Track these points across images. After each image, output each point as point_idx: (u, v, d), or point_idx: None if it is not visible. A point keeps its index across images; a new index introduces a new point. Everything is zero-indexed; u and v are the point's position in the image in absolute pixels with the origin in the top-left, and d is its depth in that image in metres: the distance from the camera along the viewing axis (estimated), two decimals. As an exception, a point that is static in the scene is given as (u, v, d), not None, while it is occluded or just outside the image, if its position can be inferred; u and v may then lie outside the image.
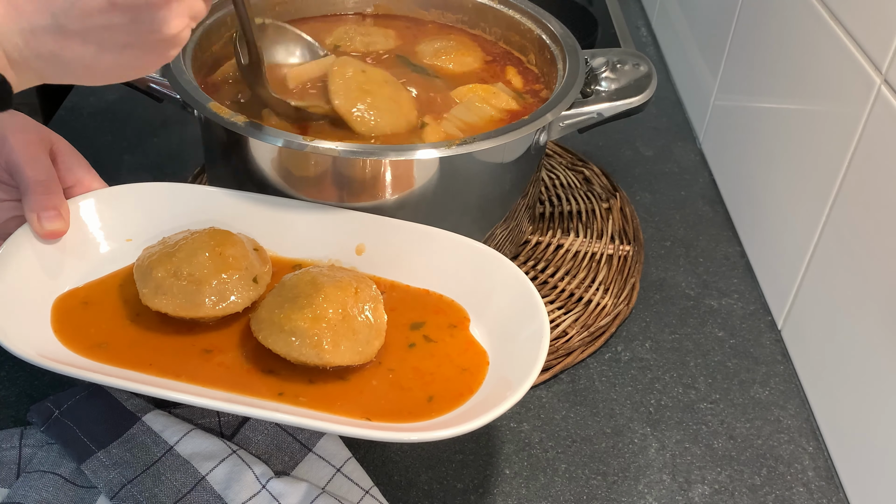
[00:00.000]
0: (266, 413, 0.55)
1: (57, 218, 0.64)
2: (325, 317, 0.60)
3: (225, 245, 0.65)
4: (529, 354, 0.59)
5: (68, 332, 0.62)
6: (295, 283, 0.63)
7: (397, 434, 0.55)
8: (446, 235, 0.69)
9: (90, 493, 0.62)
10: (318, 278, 0.63)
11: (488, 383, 0.61)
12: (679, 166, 1.03)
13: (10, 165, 0.64)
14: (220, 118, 0.70)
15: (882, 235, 0.65)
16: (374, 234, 0.70)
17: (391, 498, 0.65)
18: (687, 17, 1.16)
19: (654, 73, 0.81)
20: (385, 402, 0.60)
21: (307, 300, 0.61)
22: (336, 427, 0.55)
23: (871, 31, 0.68)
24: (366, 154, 0.67)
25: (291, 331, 0.60)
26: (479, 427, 0.54)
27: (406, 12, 0.95)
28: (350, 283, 0.63)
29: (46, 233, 0.63)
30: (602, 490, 0.67)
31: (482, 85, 0.82)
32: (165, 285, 0.62)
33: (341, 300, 0.61)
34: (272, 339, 0.60)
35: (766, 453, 0.71)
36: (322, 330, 0.60)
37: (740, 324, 0.83)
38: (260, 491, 0.61)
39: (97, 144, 1.01)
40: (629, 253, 0.87)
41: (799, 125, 0.80)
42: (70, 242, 0.66)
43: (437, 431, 0.54)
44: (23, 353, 0.56)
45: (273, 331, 0.60)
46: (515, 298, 0.64)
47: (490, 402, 0.57)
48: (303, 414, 0.58)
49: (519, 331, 0.63)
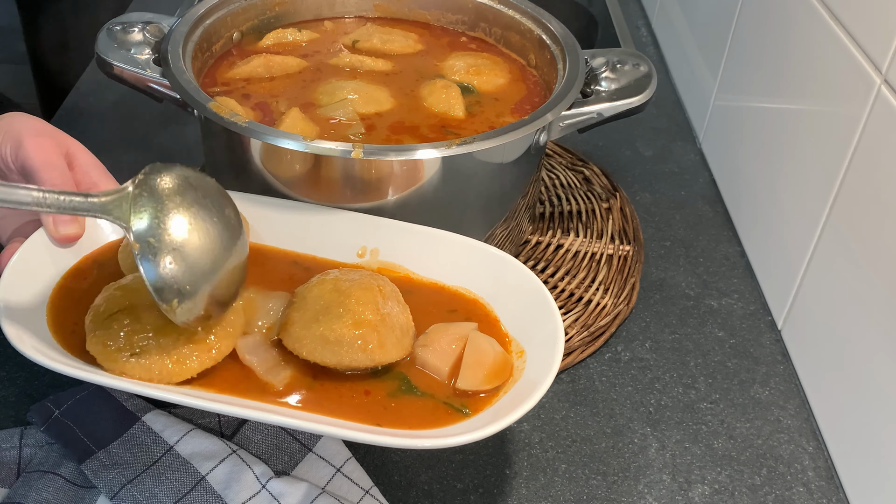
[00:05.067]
0: (270, 417, 0.55)
1: (72, 222, 0.64)
2: (366, 320, 0.60)
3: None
4: (544, 360, 0.59)
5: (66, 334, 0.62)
6: (319, 294, 0.63)
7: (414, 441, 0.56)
8: (458, 238, 0.69)
9: (90, 493, 0.62)
10: (340, 284, 0.63)
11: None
12: (679, 166, 1.03)
13: (26, 169, 0.64)
14: (220, 118, 0.70)
15: (882, 235, 0.65)
16: (389, 237, 0.70)
17: (391, 498, 0.65)
18: (687, 17, 1.16)
19: (654, 73, 0.81)
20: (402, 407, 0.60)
21: (342, 308, 0.61)
22: (347, 433, 0.55)
23: (871, 31, 0.68)
24: (366, 154, 0.67)
25: (337, 340, 0.60)
26: (490, 434, 0.55)
27: (406, 14, 0.95)
28: (371, 282, 0.63)
29: (62, 237, 0.63)
30: (602, 490, 0.67)
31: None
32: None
33: (372, 300, 0.62)
34: (319, 353, 0.60)
35: (766, 453, 0.71)
36: (366, 333, 0.60)
37: (740, 324, 0.83)
38: (260, 491, 0.61)
39: (97, 144, 1.00)
40: (629, 253, 0.87)
41: (799, 125, 0.80)
42: (86, 247, 0.66)
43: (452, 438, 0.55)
44: (44, 361, 0.56)
45: (318, 344, 0.60)
46: (529, 303, 0.64)
47: (503, 410, 0.57)
48: (307, 418, 0.57)
49: (532, 336, 0.63)
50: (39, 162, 0.64)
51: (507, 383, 0.60)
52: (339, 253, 0.70)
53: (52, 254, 0.64)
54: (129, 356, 0.57)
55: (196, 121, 0.76)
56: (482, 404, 0.59)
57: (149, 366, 0.57)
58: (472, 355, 0.61)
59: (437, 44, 0.92)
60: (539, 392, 0.56)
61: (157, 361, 0.57)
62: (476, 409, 0.59)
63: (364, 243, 0.69)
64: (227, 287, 0.59)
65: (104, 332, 0.58)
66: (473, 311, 0.66)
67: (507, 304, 0.66)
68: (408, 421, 0.58)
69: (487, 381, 0.60)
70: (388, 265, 0.69)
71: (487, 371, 0.60)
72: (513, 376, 0.61)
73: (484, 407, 0.59)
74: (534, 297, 0.64)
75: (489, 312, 0.66)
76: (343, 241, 0.69)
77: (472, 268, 0.68)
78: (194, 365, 0.58)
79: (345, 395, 0.60)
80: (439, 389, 0.61)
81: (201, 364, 0.59)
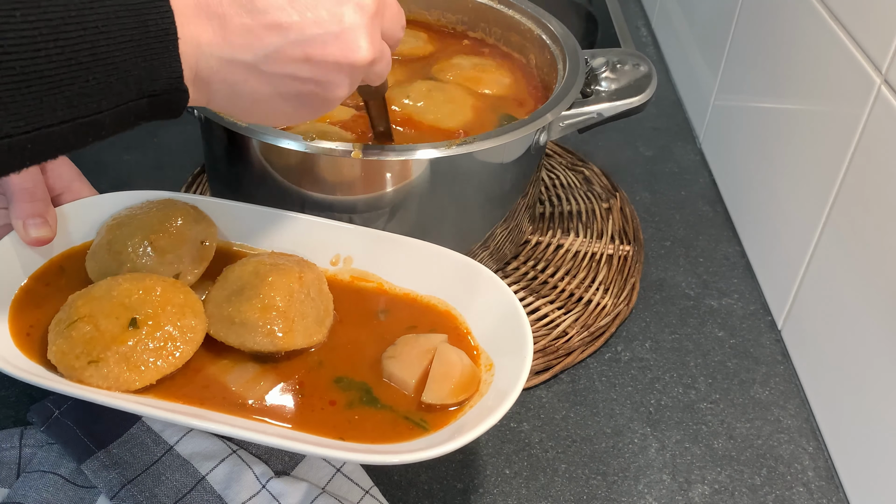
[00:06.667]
0: (224, 428, 0.54)
1: (43, 225, 0.64)
2: (273, 305, 0.60)
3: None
4: (511, 374, 0.58)
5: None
6: (239, 275, 0.63)
7: (378, 457, 0.54)
8: (432, 248, 0.67)
9: (90, 493, 0.62)
10: (261, 267, 0.63)
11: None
12: (679, 166, 1.03)
13: None
14: (220, 118, 0.70)
15: (882, 235, 0.65)
16: (362, 245, 0.68)
17: (391, 498, 0.65)
18: (687, 17, 1.16)
19: (654, 73, 0.81)
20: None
21: (254, 290, 0.61)
22: (314, 449, 0.54)
23: (871, 31, 0.68)
24: (366, 154, 0.67)
25: (242, 322, 0.60)
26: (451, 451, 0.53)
27: (407, 14, 0.94)
28: (292, 268, 0.63)
29: (32, 240, 0.63)
30: (602, 490, 0.67)
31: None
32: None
33: (286, 286, 0.61)
34: (224, 333, 0.60)
35: (766, 453, 0.71)
36: (272, 318, 0.60)
37: (740, 324, 0.83)
38: (260, 491, 0.61)
39: (97, 144, 1.00)
40: (629, 253, 0.87)
41: (799, 125, 0.80)
42: (57, 250, 0.66)
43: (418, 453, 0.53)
44: (12, 372, 0.56)
45: (224, 325, 0.60)
46: (501, 316, 0.63)
47: (466, 426, 0.56)
48: (265, 431, 0.56)
49: (502, 349, 0.61)
50: None
51: (474, 397, 0.59)
52: (311, 260, 0.68)
53: (21, 257, 0.64)
54: (86, 364, 0.57)
55: (196, 121, 0.76)
56: (447, 419, 0.58)
57: (106, 374, 0.57)
58: (439, 368, 0.60)
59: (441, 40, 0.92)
60: (503, 408, 0.55)
61: (114, 369, 0.57)
62: (439, 424, 0.58)
63: (337, 251, 0.68)
64: None
65: (64, 341, 0.58)
66: (445, 323, 0.65)
67: (479, 315, 0.64)
68: (369, 435, 0.57)
69: (454, 394, 0.59)
70: (362, 273, 0.68)
71: (454, 384, 0.59)
72: (479, 391, 0.59)
73: (448, 421, 0.58)
74: (506, 309, 0.62)
75: (460, 324, 0.65)
76: (316, 248, 0.68)
77: (447, 278, 0.66)
78: (152, 372, 0.57)
79: (307, 406, 0.59)
80: (402, 403, 0.59)
81: (159, 371, 0.58)
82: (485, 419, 0.54)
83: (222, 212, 0.69)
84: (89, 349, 0.57)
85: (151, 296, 0.60)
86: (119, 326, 0.58)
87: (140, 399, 0.57)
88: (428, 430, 0.57)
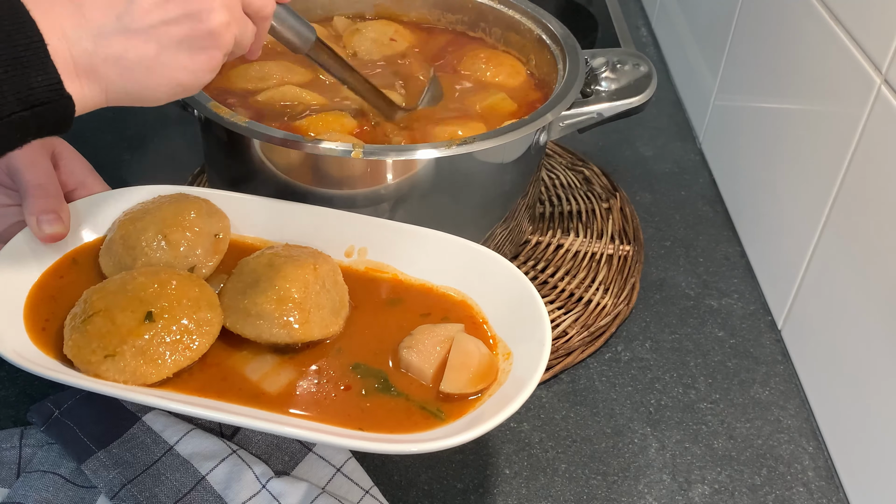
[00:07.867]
0: (257, 423, 0.55)
1: (56, 221, 0.64)
2: (289, 296, 0.60)
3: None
4: (530, 362, 0.58)
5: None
6: (254, 268, 0.63)
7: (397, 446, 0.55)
8: (447, 237, 0.68)
9: (90, 493, 0.62)
10: (275, 259, 0.63)
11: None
12: (679, 166, 1.03)
13: (10, 170, 0.64)
14: (220, 118, 0.70)
15: (882, 235, 0.65)
16: (377, 237, 0.69)
17: (391, 498, 0.65)
18: (687, 17, 1.16)
19: (654, 73, 0.81)
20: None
21: (269, 282, 0.61)
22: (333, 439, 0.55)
23: (871, 31, 0.68)
24: (366, 154, 0.67)
25: (258, 314, 0.60)
26: (465, 441, 0.53)
27: (407, 14, 0.95)
28: (307, 260, 0.63)
29: (46, 236, 0.63)
30: (602, 490, 0.67)
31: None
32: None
33: (301, 277, 0.61)
34: (241, 325, 0.61)
35: (766, 453, 0.71)
36: (288, 310, 0.60)
37: (740, 324, 0.83)
38: (260, 491, 0.61)
39: (97, 144, 1.01)
40: (629, 253, 0.87)
41: (799, 125, 0.80)
42: (71, 246, 0.66)
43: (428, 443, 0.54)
44: (21, 363, 0.55)
45: (240, 317, 0.61)
46: (518, 304, 0.63)
47: (483, 415, 0.56)
48: (298, 425, 0.57)
49: (520, 337, 0.62)
50: (24, 161, 0.64)
51: (492, 386, 0.59)
52: (326, 252, 0.68)
53: (35, 254, 0.64)
54: (103, 358, 0.57)
55: (196, 121, 0.76)
56: (464, 409, 0.58)
57: (122, 367, 0.57)
58: (457, 357, 0.60)
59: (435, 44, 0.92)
60: (522, 396, 0.55)
61: (131, 362, 0.57)
62: (456, 413, 0.58)
63: (352, 242, 0.69)
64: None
65: (80, 336, 0.58)
66: (461, 312, 0.65)
67: (495, 304, 0.65)
68: (384, 423, 0.57)
69: (472, 384, 0.59)
70: (377, 265, 0.68)
71: (472, 373, 0.59)
72: (497, 380, 0.60)
73: (465, 411, 0.58)
74: (522, 297, 0.63)
75: (476, 313, 0.65)
76: (330, 240, 0.68)
77: (461, 267, 0.66)
78: (168, 365, 0.58)
79: (324, 393, 0.59)
80: (417, 392, 0.59)
81: (176, 364, 0.58)
82: (504, 408, 0.54)
83: (235, 205, 0.69)
84: (105, 343, 0.57)
85: (167, 289, 0.60)
86: (135, 320, 0.58)
87: (157, 392, 0.57)
88: (444, 420, 0.58)
